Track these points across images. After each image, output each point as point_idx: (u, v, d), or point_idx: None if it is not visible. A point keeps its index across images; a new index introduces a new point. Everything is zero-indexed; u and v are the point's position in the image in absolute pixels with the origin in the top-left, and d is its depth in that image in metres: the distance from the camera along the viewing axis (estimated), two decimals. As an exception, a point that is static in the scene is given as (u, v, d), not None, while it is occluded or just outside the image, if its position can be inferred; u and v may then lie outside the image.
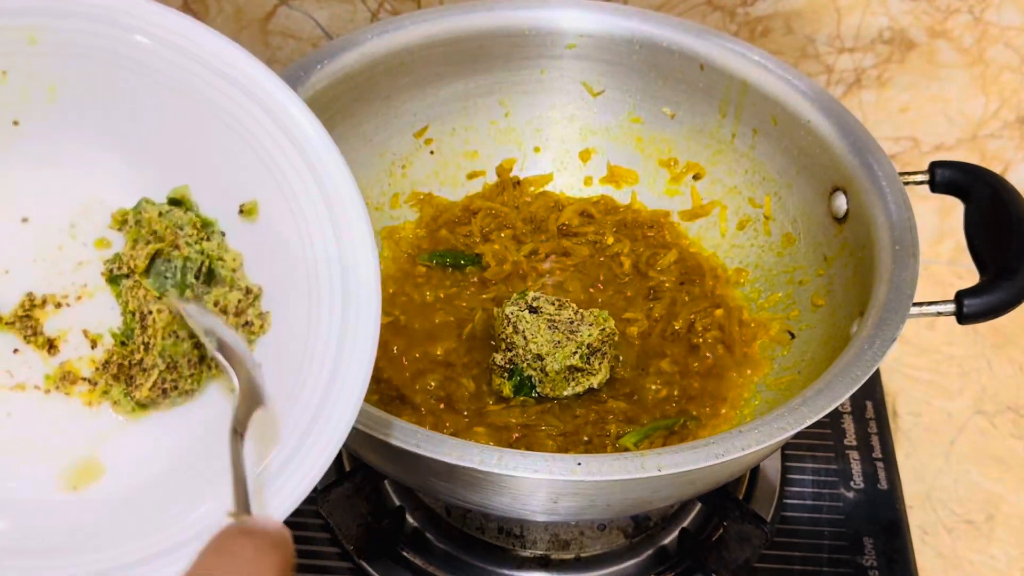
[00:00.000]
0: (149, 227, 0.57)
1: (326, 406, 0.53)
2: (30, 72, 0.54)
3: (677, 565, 0.78)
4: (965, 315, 0.68)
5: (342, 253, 0.55)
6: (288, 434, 0.53)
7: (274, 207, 0.56)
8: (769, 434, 0.59)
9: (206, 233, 0.58)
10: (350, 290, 0.55)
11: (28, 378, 0.57)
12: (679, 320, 0.81)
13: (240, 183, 0.57)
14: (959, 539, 0.85)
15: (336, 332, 0.55)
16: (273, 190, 0.56)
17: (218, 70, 0.55)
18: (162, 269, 0.57)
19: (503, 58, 0.86)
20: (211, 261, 0.57)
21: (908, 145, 1.03)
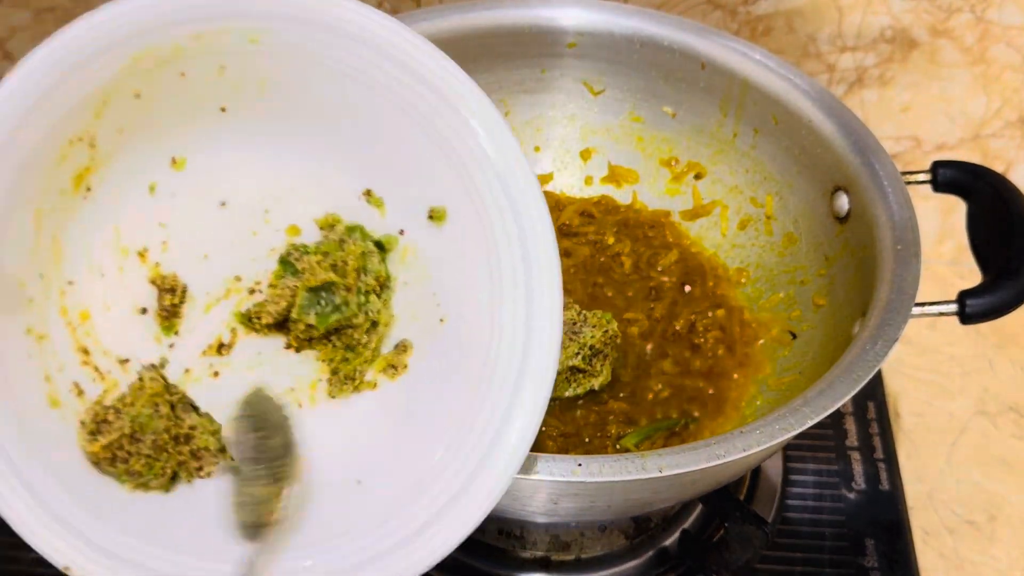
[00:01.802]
0: (343, 255, 0.58)
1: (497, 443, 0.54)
2: (245, 67, 0.55)
3: (678, 566, 0.78)
4: (967, 315, 0.67)
5: (528, 276, 0.55)
6: (460, 465, 0.53)
7: (460, 212, 0.57)
8: (770, 435, 0.59)
9: (380, 288, 0.59)
10: (532, 322, 0.55)
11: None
12: (680, 320, 0.81)
13: (433, 190, 0.57)
14: (961, 540, 0.85)
15: (520, 347, 0.55)
16: (464, 202, 0.56)
17: (431, 85, 0.55)
18: (322, 296, 0.58)
19: (503, 57, 0.86)
20: (360, 316, 0.58)
21: (910, 144, 1.03)
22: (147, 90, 0.54)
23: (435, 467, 0.54)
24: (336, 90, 0.56)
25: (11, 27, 0.99)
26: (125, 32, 0.52)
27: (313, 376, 0.59)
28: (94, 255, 0.56)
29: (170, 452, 0.56)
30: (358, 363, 0.59)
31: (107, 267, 0.57)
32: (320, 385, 0.59)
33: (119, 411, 0.55)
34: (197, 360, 0.58)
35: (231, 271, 0.59)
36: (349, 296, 0.57)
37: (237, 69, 0.55)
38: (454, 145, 0.55)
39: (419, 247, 0.59)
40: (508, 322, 0.55)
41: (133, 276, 0.57)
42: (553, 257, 0.55)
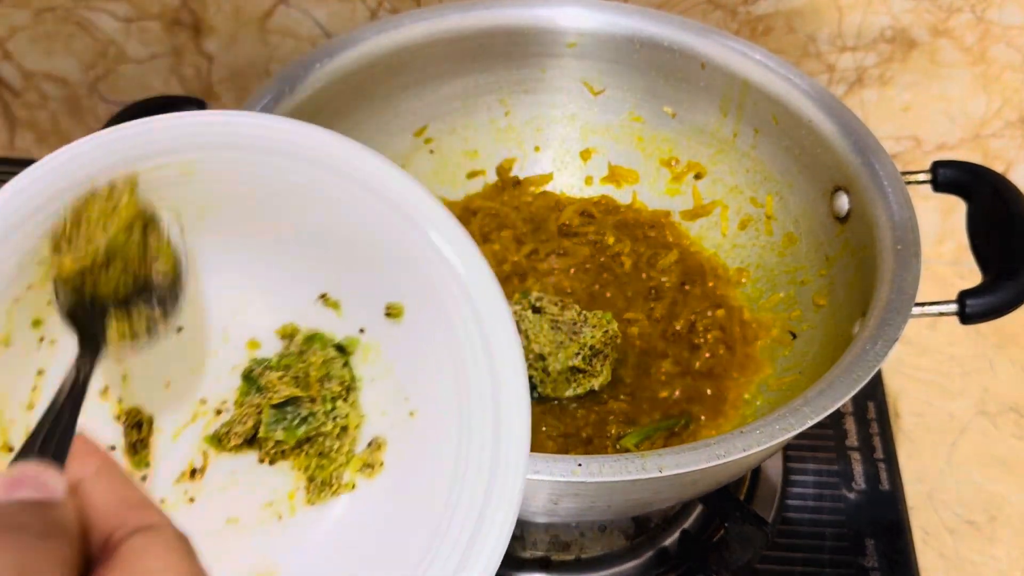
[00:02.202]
0: (304, 367, 0.58)
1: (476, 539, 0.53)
2: (183, 197, 0.55)
3: (678, 566, 0.78)
4: (967, 315, 0.67)
5: (492, 367, 0.54)
6: (446, 556, 0.52)
7: (417, 305, 0.56)
8: (771, 435, 0.59)
9: (347, 392, 0.58)
10: (500, 412, 0.54)
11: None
12: (680, 320, 0.81)
13: (388, 288, 0.57)
14: (961, 540, 0.84)
15: (490, 431, 0.54)
16: (420, 295, 0.56)
17: (372, 189, 0.55)
18: (288, 411, 0.58)
19: (503, 57, 0.86)
20: (329, 424, 0.58)
21: (910, 144, 1.03)
22: None
23: (421, 561, 0.54)
24: (279, 204, 0.56)
25: (11, 27, 0.99)
26: (70, 181, 0.52)
27: (290, 486, 0.58)
28: None
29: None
30: (333, 468, 0.58)
31: None
32: (298, 494, 0.58)
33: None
34: (171, 489, 0.57)
35: (195, 395, 0.58)
36: (315, 407, 0.58)
37: (175, 200, 0.55)
38: (402, 243, 0.56)
39: (381, 344, 0.58)
40: (477, 411, 0.55)
41: (97, 416, 0.56)
42: (514, 345, 0.54)
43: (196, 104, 0.75)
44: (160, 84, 1.02)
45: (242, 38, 0.99)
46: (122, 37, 0.99)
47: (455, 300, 0.55)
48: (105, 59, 1.01)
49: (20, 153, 1.08)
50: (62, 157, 0.52)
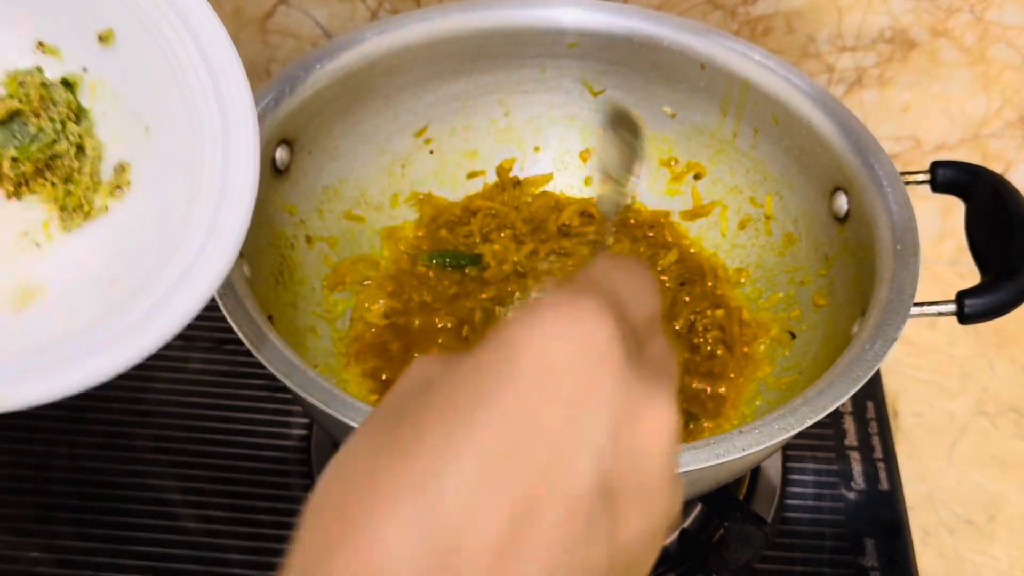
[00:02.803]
0: (24, 90, 0.61)
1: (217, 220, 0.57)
2: None
3: (677, 566, 0.78)
4: (966, 315, 0.67)
5: (210, 69, 0.59)
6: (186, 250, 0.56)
7: (131, 33, 0.60)
8: (770, 434, 0.59)
9: (76, 117, 0.61)
10: (225, 105, 0.59)
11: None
12: (679, 320, 0.81)
13: (96, 17, 0.60)
14: (961, 540, 0.85)
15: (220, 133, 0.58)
16: (126, 16, 0.60)
17: None
18: (14, 129, 0.60)
19: (503, 57, 0.86)
20: (63, 142, 0.61)
21: (909, 145, 1.03)
22: None
23: (167, 264, 0.57)
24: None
25: (11, 27, 0.99)
26: None
27: (43, 217, 0.61)
28: None
29: None
30: (81, 192, 0.62)
31: None
32: (52, 223, 0.61)
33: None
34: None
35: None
36: (42, 122, 0.60)
37: None
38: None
39: (104, 77, 0.62)
40: (204, 114, 0.59)
41: None
42: (225, 44, 0.59)
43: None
44: (160, 84, 1.02)
45: (242, 39, 0.99)
46: (122, 37, 0.99)
47: (159, 11, 0.59)
48: (106, 59, 1.01)
49: (21, 153, 1.08)
50: None
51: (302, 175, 0.79)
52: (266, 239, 0.76)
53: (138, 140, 0.62)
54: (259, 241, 0.74)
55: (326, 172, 0.82)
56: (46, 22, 0.61)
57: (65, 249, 0.60)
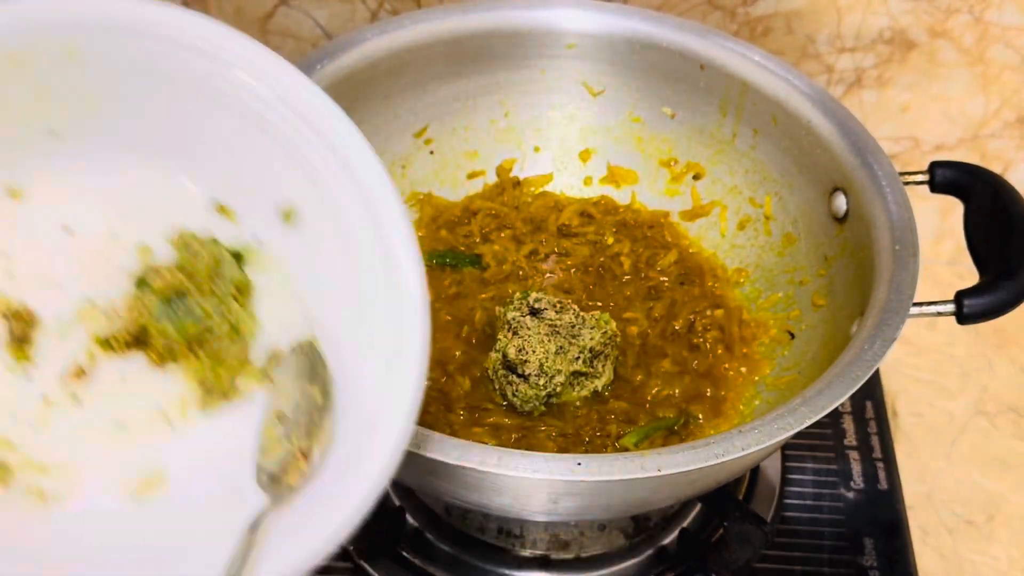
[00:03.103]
0: (194, 263, 0.57)
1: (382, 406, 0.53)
2: (70, 85, 0.54)
3: (677, 565, 0.78)
4: (965, 315, 0.68)
5: (386, 250, 0.54)
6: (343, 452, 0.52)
7: (312, 210, 0.56)
8: (769, 434, 0.59)
9: (239, 293, 0.58)
10: (402, 291, 0.54)
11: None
12: (679, 320, 0.81)
13: (282, 191, 0.57)
14: (960, 540, 0.85)
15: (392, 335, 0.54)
16: (310, 191, 0.56)
17: (251, 74, 0.55)
18: (176, 304, 0.57)
19: (503, 58, 0.86)
20: (220, 323, 0.57)
21: (908, 145, 1.03)
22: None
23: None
24: (170, 100, 0.55)
25: (12, 28, 0.99)
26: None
27: (182, 392, 0.58)
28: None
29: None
30: (226, 374, 0.58)
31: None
32: (190, 400, 0.57)
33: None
34: (56, 388, 0.56)
35: (84, 296, 0.57)
36: (204, 301, 0.57)
37: (61, 88, 0.54)
38: (296, 143, 0.55)
39: (275, 250, 0.58)
40: (377, 314, 0.54)
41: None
42: (413, 255, 0.54)
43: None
44: (161, 85, 1.02)
45: (243, 39, 0.99)
46: (123, 38, 0.99)
47: (348, 197, 0.54)
48: (106, 60, 1.01)
49: (21, 154, 1.08)
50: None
51: (302, 175, 0.80)
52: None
53: (298, 328, 0.57)
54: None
55: (326, 172, 0.82)
56: (230, 183, 0.58)
57: (198, 433, 0.56)
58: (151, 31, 0.53)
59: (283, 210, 0.57)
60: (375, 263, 0.54)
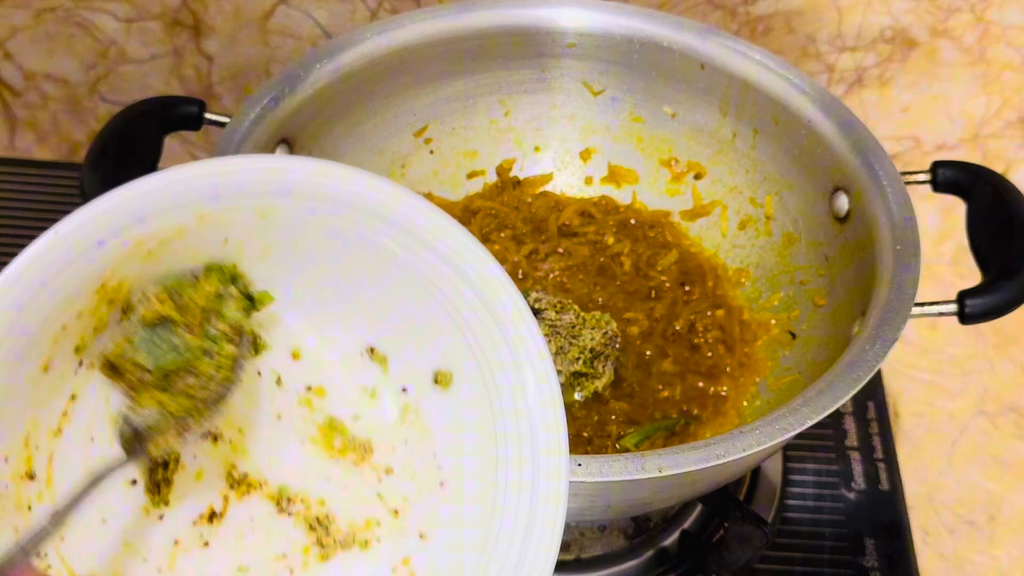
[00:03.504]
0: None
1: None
2: (250, 236, 0.54)
3: (678, 566, 0.78)
4: (967, 315, 0.67)
5: (534, 433, 0.54)
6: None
7: (467, 377, 0.56)
8: (770, 435, 0.59)
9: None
10: (539, 477, 0.53)
11: None
12: (680, 320, 0.81)
13: (440, 354, 0.56)
14: (961, 540, 0.85)
15: (524, 517, 0.54)
16: (469, 360, 0.55)
17: (435, 249, 0.54)
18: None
19: (503, 57, 0.86)
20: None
21: (910, 145, 1.03)
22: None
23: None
24: (340, 255, 0.55)
25: (11, 27, 0.99)
26: (133, 216, 0.50)
27: (305, 540, 0.57)
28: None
29: None
30: (348, 523, 0.58)
31: (97, 438, 0.54)
32: (312, 550, 0.57)
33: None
34: (188, 530, 0.56)
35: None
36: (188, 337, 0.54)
37: (240, 238, 0.54)
38: (461, 311, 0.55)
39: (422, 408, 0.57)
40: (512, 493, 0.54)
41: None
42: (562, 439, 0.53)
43: (196, 105, 0.75)
44: (160, 84, 1.02)
45: (242, 38, 0.99)
46: (122, 37, 0.99)
47: (507, 378, 0.54)
48: (105, 59, 1.01)
49: (20, 153, 1.08)
50: (138, 188, 0.50)
51: (302, 175, 0.79)
52: (266, 239, 0.76)
53: (428, 487, 0.57)
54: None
55: (326, 172, 0.82)
56: (388, 336, 0.57)
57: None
58: (338, 198, 0.54)
59: (439, 373, 0.57)
60: (523, 444, 0.54)
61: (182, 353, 0.53)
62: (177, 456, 0.56)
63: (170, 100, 0.77)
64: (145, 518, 0.55)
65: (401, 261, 0.54)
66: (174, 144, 1.04)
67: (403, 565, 0.56)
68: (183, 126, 0.75)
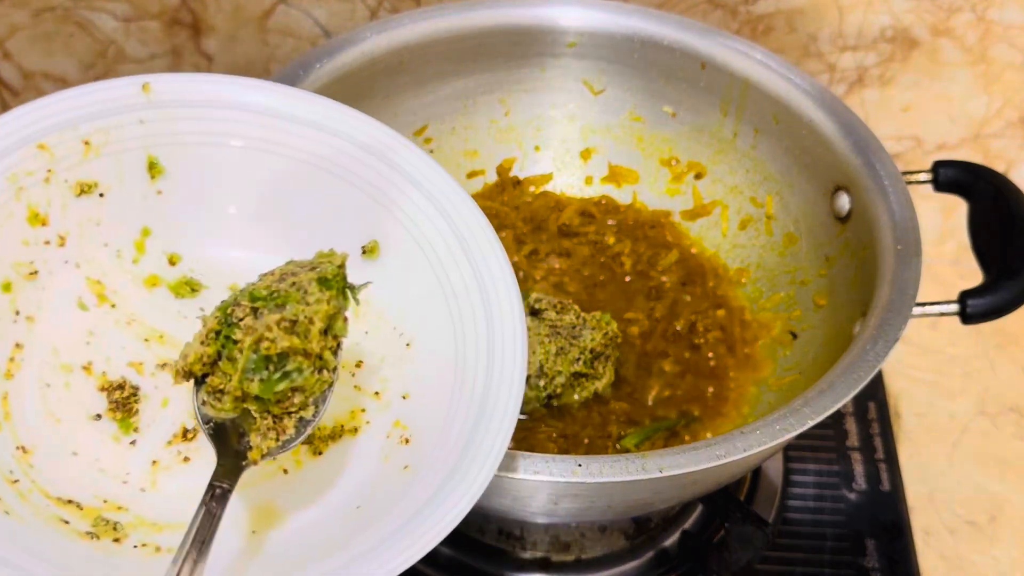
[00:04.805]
0: (298, 310, 0.54)
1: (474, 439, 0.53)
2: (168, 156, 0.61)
3: (678, 567, 0.78)
4: (968, 315, 0.67)
5: (479, 278, 0.57)
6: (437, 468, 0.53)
7: (398, 244, 0.59)
8: (771, 435, 0.59)
9: (331, 340, 0.54)
10: (492, 317, 0.56)
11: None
12: (680, 320, 0.80)
13: (360, 230, 0.60)
14: (962, 540, 0.84)
15: (484, 346, 0.56)
16: (395, 229, 0.58)
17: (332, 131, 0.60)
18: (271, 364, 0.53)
19: (503, 56, 0.86)
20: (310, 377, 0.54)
21: (911, 144, 1.03)
22: None
23: (411, 496, 0.53)
24: (246, 163, 0.59)
25: (11, 27, 0.99)
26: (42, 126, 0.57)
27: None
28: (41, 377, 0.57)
29: None
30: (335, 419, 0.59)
31: (54, 384, 0.57)
32: (303, 448, 0.57)
33: None
34: (163, 451, 0.57)
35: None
36: (307, 362, 0.53)
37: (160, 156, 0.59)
38: (373, 181, 0.58)
39: (371, 296, 0.59)
40: (470, 331, 0.56)
41: (81, 388, 0.58)
42: (503, 263, 0.57)
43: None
44: (160, 84, 1.02)
45: (242, 38, 0.98)
46: (122, 37, 0.99)
47: (432, 224, 0.57)
48: (105, 59, 1.01)
49: (20, 153, 1.07)
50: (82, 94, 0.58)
51: (302, 175, 0.79)
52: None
53: (399, 357, 0.59)
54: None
55: (326, 172, 0.82)
56: (312, 238, 0.59)
57: (312, 475, 0.57)
58: (230, 102, 0.61)
59: (364, 247, 0.60)
60: (467, 281, 0.58)
61: (294, 379, 0.51)
62: (136, 388, 0.58)
63: (169, 99, 0.76)
64: (116, 446, 0.57)
65: (301, 152, 0.60)
66: (174, 144, 1.04)
67: (395, 427, 0.58)
68: (182, 126, 0.75)
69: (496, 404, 0.54)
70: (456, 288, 0.57)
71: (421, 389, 0.58)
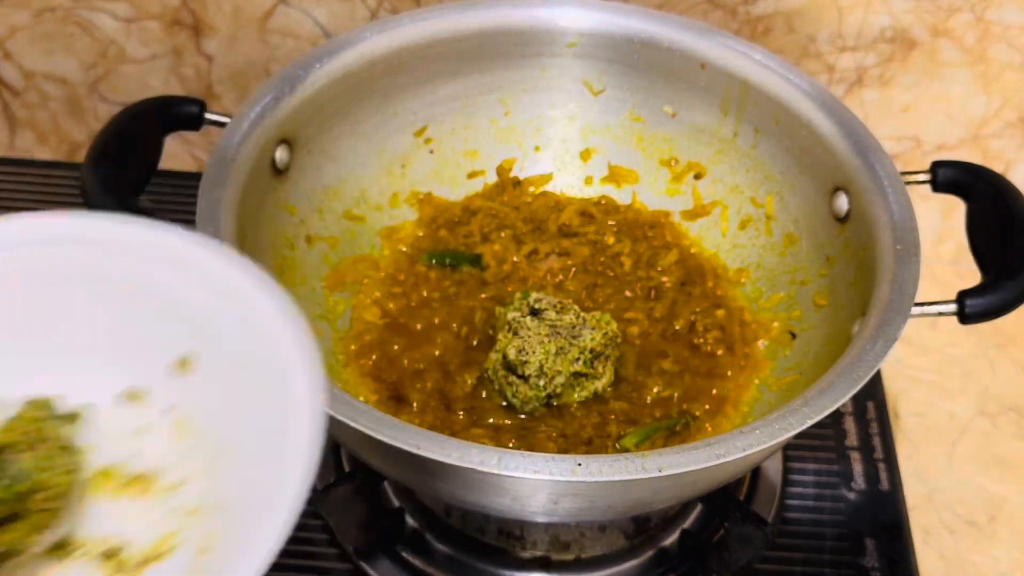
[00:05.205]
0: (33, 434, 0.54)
1: None
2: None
3: (678, 566, 0.78)
4: (967, 315, 0.67)
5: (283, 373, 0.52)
6: None
7: (208, 359, 0.56)
8: (770, 435, 0.59)
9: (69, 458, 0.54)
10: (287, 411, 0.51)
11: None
12: (680, 320, 0.81)
13: (175, 347, 0.56)
14: (961, 540, 0.84)
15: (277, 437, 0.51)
16: (206, 343, 0.55)
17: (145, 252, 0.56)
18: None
19: (503, 57, 0.86)
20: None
21: (910, 145, 1.03)
22: None
23: None
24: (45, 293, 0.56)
25: (11, 27, 0.99)
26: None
27: (103, 572, 0.55)
28: None
29: None
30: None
31: None
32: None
33: None
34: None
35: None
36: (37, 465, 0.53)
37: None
38: (183, 297, 0.55)
39: (189, 409, 0.57)
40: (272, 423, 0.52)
41: None
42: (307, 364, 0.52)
43: (196, 104, 0.75)
44: (160, 84, 1.02)
45: (242, 38, 0.99)
46: (122, 37, 0.99)
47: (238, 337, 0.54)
48: (105, 59, 1.01)
49: (20, 153, 1.08)
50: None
51: (302, 175, 0.79)
52: (266, 239, 0.76)
53: (216, 471, 0.55)
54: (259, 241, 0.74)
55: (326, 172, 0.82)
56: (136, 364, 0.57)
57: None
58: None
59: (180, 360, 0.57)
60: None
61: (29, 475, 0.51)
62: None
63: (170, 100, 0.76)
64: None
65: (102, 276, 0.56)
66: (174, 144, 1.04)
67: (209, 539, 0.54)
68: (183, 126, 0.75)
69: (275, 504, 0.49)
70: (264, 398, 0.52)
71: (236, 496, 0.54)
